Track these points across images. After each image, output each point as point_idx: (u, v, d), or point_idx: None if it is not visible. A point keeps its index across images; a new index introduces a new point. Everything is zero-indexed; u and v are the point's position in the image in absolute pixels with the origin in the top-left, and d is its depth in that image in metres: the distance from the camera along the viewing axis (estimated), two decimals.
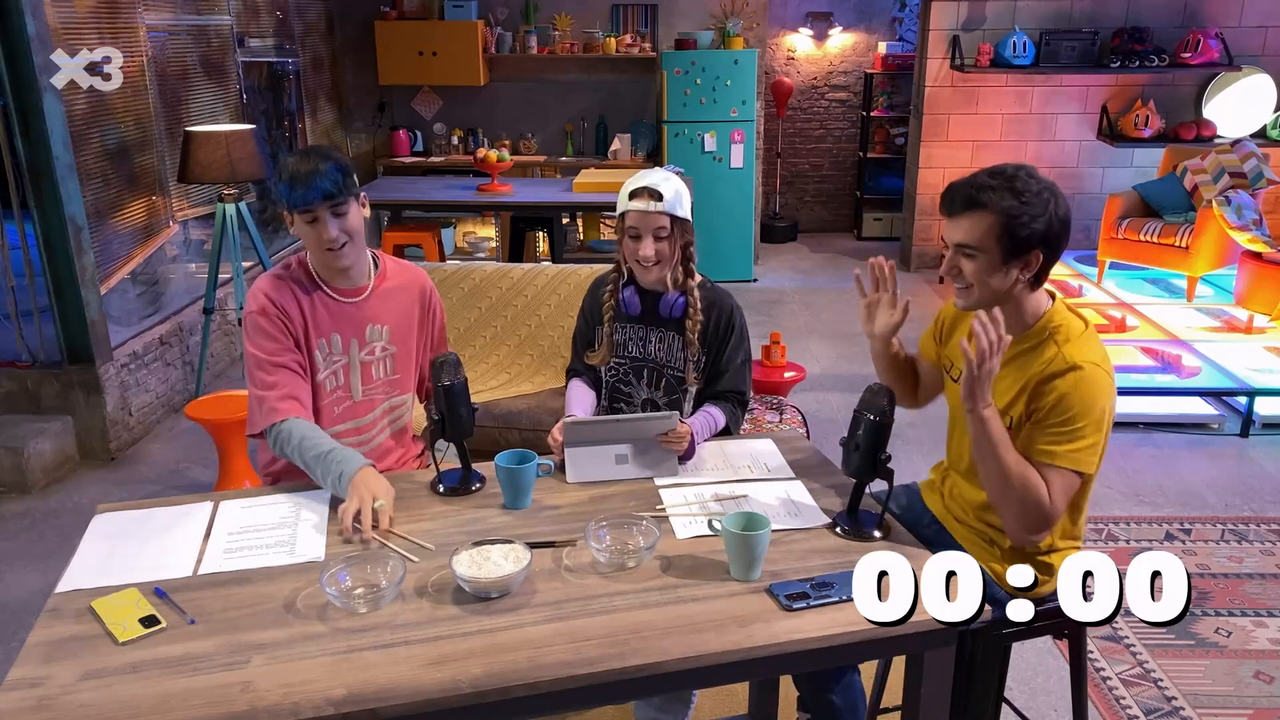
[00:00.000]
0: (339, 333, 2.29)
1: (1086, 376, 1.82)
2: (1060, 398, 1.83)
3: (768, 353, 4.36)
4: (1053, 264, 1.89)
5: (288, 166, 2.16)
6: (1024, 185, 1.81)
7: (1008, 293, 1.87)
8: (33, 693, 1.47)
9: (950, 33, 6.80)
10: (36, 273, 4.13)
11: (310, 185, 2.12)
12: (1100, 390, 1.83)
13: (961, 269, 1.88)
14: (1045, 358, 1.88)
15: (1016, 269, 1.84)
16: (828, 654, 1.64)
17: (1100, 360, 1.86)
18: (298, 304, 2.25)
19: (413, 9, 6.95)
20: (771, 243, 8.24)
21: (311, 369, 2.27)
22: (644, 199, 2.27)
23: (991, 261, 1.84)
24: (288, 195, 2.15)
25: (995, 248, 1.82)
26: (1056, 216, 1.82)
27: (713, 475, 2.16)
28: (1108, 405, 1.85)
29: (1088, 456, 1.84)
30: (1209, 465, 4.17)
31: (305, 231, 2.19)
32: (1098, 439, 1.84)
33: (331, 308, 2.28)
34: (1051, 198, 1.82)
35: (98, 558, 1.84)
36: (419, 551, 1.85)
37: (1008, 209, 1.80)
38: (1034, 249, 1.83)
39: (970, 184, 1.85)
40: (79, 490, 4.03)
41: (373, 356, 2.34)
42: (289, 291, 2.25)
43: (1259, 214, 5.86)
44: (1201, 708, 2.68)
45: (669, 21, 7.09)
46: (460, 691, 1.47)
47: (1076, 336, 1.89)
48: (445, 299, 3.85)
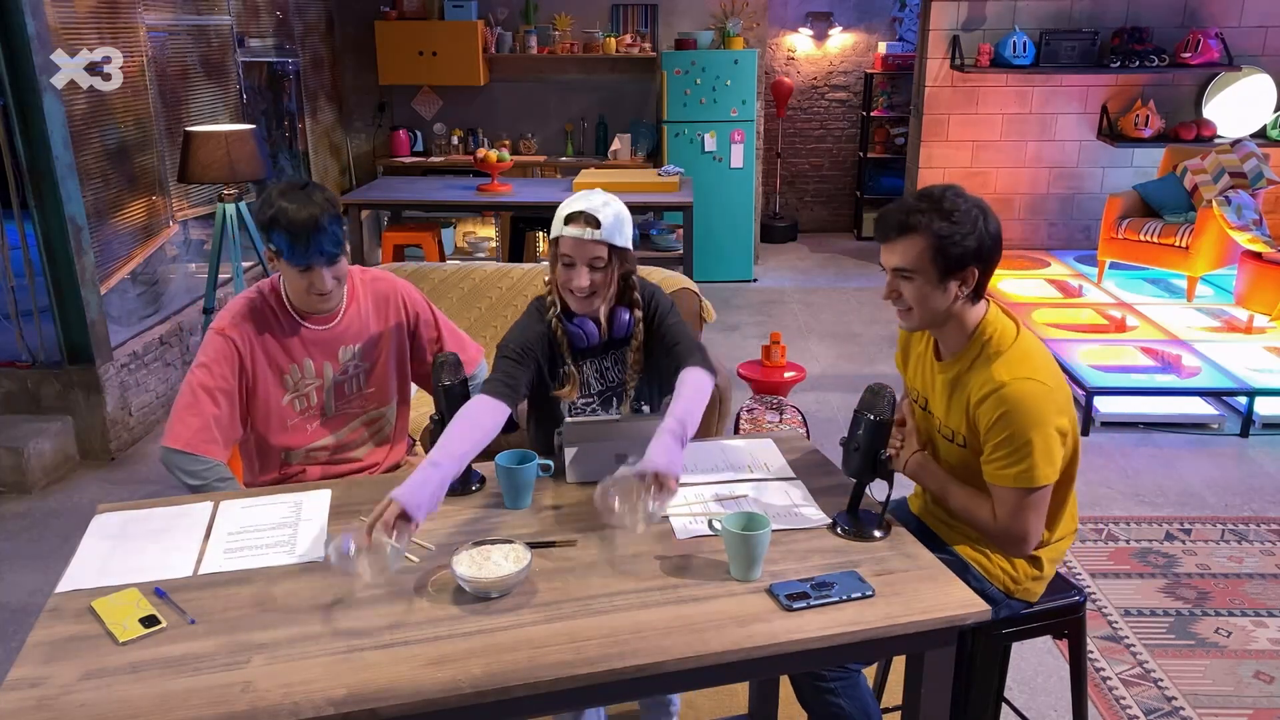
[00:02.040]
0: (311, 359, 2.29)
1: (1013, 394, 1.84)
2: (993, 421, 1.86)
3: (768, 353, 4.36)
4: (989, 277, 1.91)
5: (285, 213, 2.07)
6: (952, 205, 1.85)
7: (947, 311, 1.92)
8: (33, 693, 1.47)
9: (950, 33, 6.80)
10: (36, 273, 4.13)
11: (311, 244, 2.09)
12: (1033, 402, 1.84)
13: (901, 292, 1.92)
14: (980, 380, 1.90)
15: (954, 286, 1.88)
16: (828, 654, 1.64)
17: (1031, 372, 1.86)
18: (270, 333, 2.24)
19: (413, 9, 6.95)
20: (771, 243, 8.24)
21: (276, 392, 2.27)
22: (579, 225, 2.09)
23: (929, 281, 1.88)
24: (288, 251, 2.10)
25: (931, 268, 1.86)
26: (987, 233, 1.86)
27: (713, 475, 2.16)
28: (1047, 413, 1.84)
29: (1041, 471, 1.85)
30: (1209, 465, 4.17)
31: (293, 277, 2.16)
32: (1048, 450, 1.85)
33: (305, 335, 2.28)
34: (981, 215, 1.86)
35: (98, 558, 1.85)
36: (419, 551, 1.85)
37: (938, 230, 1.84)
38: (968, 266, 1.86)
39: (901, 209, 1.89)
40: (79, 490, 4.03)
41: (345, 375, 2.35)
42: (263, 321, 2.24)
43: (1259, 214, 5.86)
44: (1201, 708, 2.68)
45: (669, 21, 7.09)
46: (460, 691, 1.47)
47: (1007, 349, 1.90)
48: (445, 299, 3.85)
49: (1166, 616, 3.10)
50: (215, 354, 2.21)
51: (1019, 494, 1.88)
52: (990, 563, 2.02)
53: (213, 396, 2.20)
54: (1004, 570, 2.02)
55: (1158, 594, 3.22)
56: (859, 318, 6.26)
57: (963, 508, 1.98)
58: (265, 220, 2.12)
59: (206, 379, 2.20)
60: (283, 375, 2.27)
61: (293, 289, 2.23)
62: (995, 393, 1.86)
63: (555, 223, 2.15)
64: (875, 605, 1.67)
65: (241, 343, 2.22)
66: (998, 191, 7.15)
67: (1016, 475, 1.86)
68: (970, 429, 1.94)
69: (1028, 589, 2.05)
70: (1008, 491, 1.89)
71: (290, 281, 2.21)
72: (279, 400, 2.28)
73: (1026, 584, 2.04)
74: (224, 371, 2.21)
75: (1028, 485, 1.86)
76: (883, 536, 1.89)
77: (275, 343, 2.25)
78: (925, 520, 2.18)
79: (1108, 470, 4.13)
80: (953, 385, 1.97)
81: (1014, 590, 2.04)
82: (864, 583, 1.71)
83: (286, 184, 2.16)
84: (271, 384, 2.26)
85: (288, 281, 2.22)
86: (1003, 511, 1.91)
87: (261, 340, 2.24)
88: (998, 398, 1.85)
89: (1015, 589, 2.04)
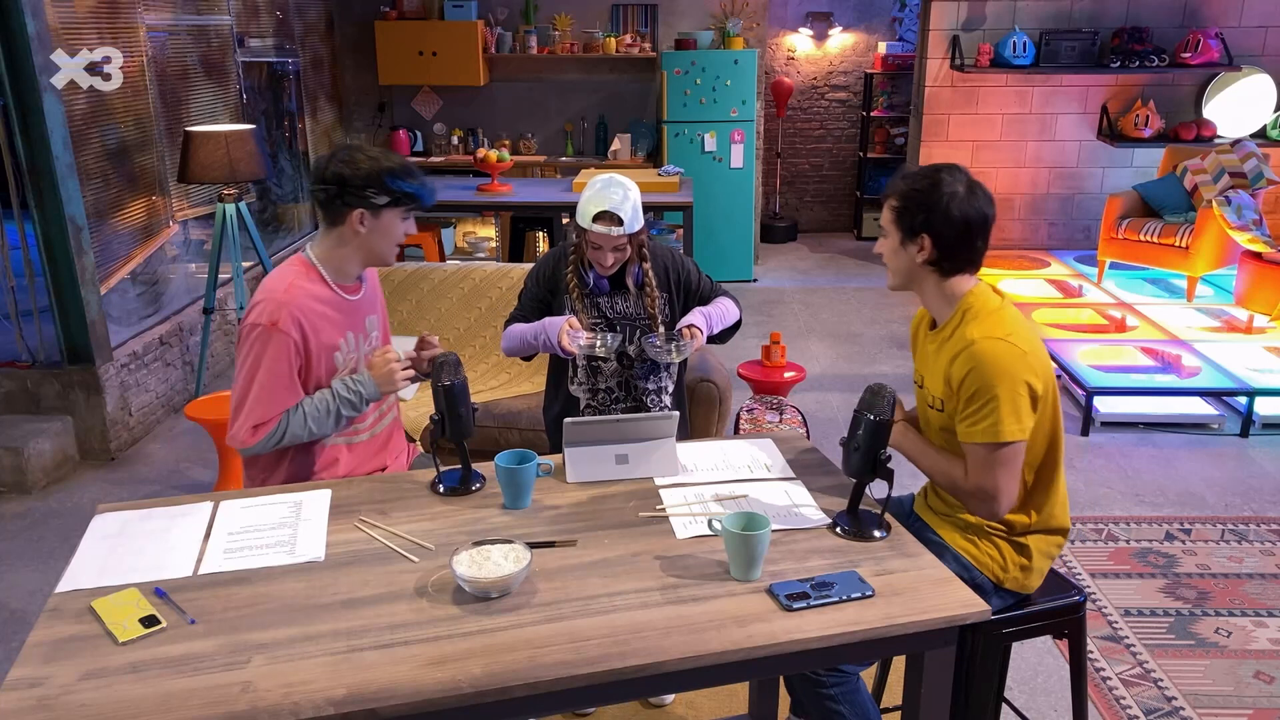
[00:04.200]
0: (351, 330, 2.33)
1: (981, 350, 1.92)
2: (963, 377, 1.94)
3: (768, 353, 4.36)
4: (955, 255, 1.99)
5: (400, 164, 2.22)
6: (929, 180, 1.99)
7: (915, 274, 2.05)
8: (33, 693, 1.47)
9: (950, 33, 6.80)
10: (36, 273, 4.13)
11: (430, 190, 2.28)
12: (1000, 359, 1.91)
13: (882, 248, 2.11)
14: (956, 340, 1.99)
15: (914, 250, 2.01)
16: (828, 654, 1.64)
17: (1004, 334, 1.94)
18: (319, 310, 2.25)
19: (413, 9, 6.95)
20: (771, 243, 8.24)
21: (331, 372, 2.30)
22: (606, 223, 2.43)
23: (894, 240, 2.04)
24: (422, 193, 2.24)
25: (895, 229, 2.03)
26: (950, 212, 1.95)
27: (713, 475, 2.16)
28: (1015, 369, 1.91)
29: (1007, 426, 1.90)
30: (1209, 465, 4.17)
31: (393, 228, 2.25)
32: (1015, 406, 1.90)
33: (342, 307, 2.31)
34: (950, 196, 1.95)
35: (98, 558, 1.85)
36: (419, 551, 1.85)
37: (901, 195, 2.01)
38: (921, 234, 1.99)
39: (896, 174, 2.06)
40: (79, 490, 4.03)
41: (370, 347, 2.40)
42: (308, 300, 2.23)
43: (1259, 214, 5.86)
44: (1201, 708, 2.68)
45: (669, 21, 7.09)
46: (460, 691, 1.47)
47: (984, 314, 1.99)
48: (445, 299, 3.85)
49: (1166, 616, 3.10)
50: (278, 345, 2.18)
51: (987, 450, 1.92)
52: (978, 550, 2.05)
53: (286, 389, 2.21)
54: (991, 558, 2.04)
55: (1158, 594, 3.22)
56: (859, 318, 6.26)
57: (938, 470, 2.03)
58: (381, 169, 2.18)
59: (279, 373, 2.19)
60: (334, 353, 2.29)
61: (389, 239, 2.27)
62: (966, 349, 1.94)
63: (582, 213, 2.47)
64: (875, 605, 1.67)
65: (304, 330, 2.21)
66: (998, 192, 7.15)
67: (984, 430, 1.91)
68: (948, 390, 2.00)
69: (1017, 579, 2.06)
70: (977, 448, 1.94)
71: (388, 232, 2.25)
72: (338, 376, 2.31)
73: (1015, 573, 2.06)
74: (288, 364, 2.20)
75: (994, 440, 1.90)
76: (883, 536, 1.89)
77: (326, 321, 2.26)
78: (920, 514, 2.20)
79: (1108, 470, 4.13)
80: (937, 352, 2.05)
81: (1003, 579, 2.06)
82: (864, 583, 1.71)
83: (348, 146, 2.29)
84: (326, 363, 2.28)
85: (385, 233, 2.25)
86: (973, 468, 1.96)
87: (319, 314, 2.24)
88: (968, 354, 1.93)
89: (1005, 578, 2.06)
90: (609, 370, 2.63)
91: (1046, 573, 2.13)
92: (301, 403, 2.22)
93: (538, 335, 2.49)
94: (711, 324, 2.56)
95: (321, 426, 2.24)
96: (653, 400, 2.68)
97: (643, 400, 2.66)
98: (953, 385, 1.96)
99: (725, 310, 2.64)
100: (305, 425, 2.21)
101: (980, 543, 2.05)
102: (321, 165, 2.21)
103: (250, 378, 2.18)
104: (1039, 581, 2.10)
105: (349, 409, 2.26)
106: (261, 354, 2.17)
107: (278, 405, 2.19)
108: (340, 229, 2.23)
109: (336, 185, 2.17)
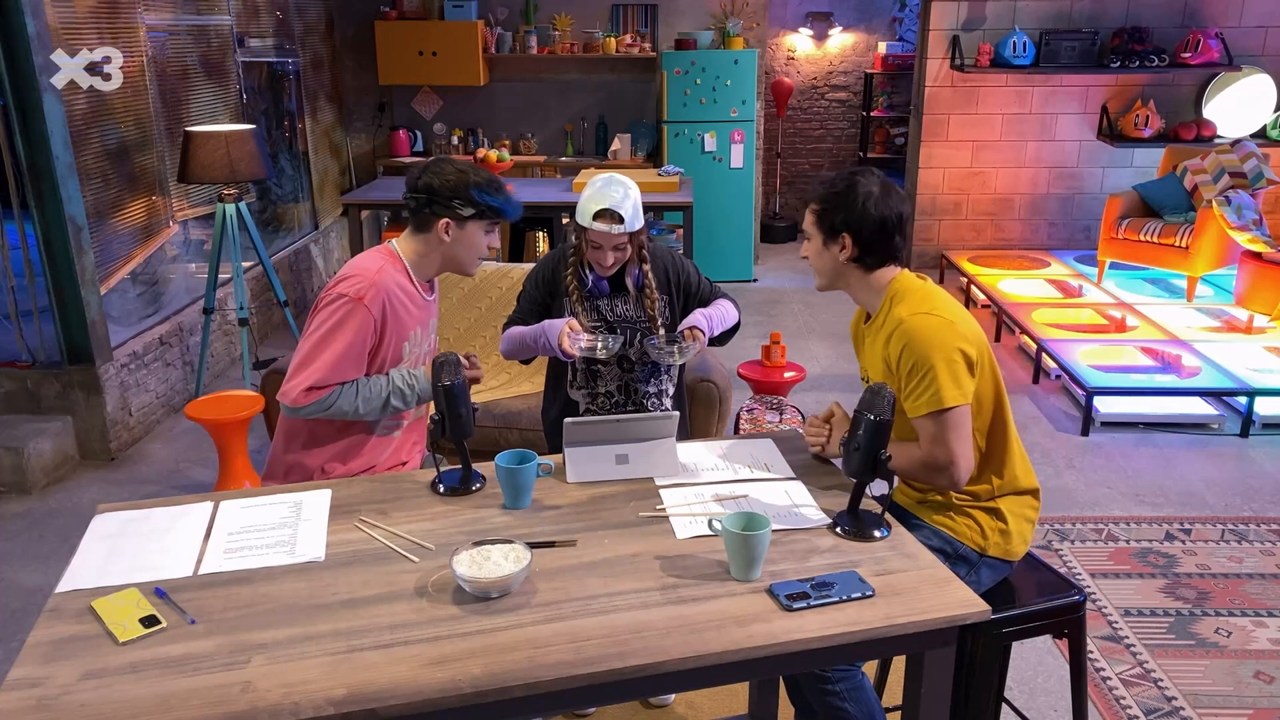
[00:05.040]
0: (420, 326, 2.45)
1: (910, 326, 2.01)
2: (899, 355, 2.02)
3: (768, 353, 4.36)
4: (875, 250, 2.10)
5: (487, 179, 2.34)
6: (843, 184, 2.10)
7: (840, 272, 2.15)
8: (33, 693, 1.47)
9: (950, 33, 6.80)
10: (36, 273, 4.13)
11: (515, 205, 2.40)
12: (930, 331, 1.99)
13: (807, 252, 2.21)
14: (888, 325, 2.07)
15: (836, 250, 2.12)
16: (828, 654, 1.64)
17: (930, 309, 2.03)
18: (400, 298, 2.36)
19: (413, 9, 6.95)
20: (771, 243, 8.24)
21: (396, 360, 2.41)
22: (606, 221, 2.43)
23: (817, 244, 2.15)
24: (504, 206, 2.36)
25: (816, 231, 2.14)
26: (866, 211, 2.07)
27: (713, 475, 2.16)
28: (947, 339, 1.99)
29: (947, 392, 1.97)
30: (1209, 465, 4.17)
31: (476, 239, 2.38)
32: (953, 373, 1.98)
33: (418, 302, 2.43)
34: (865, 197, 2.07)
35: (98, 558, 1.85)
36: (419, 551, 1.85)
37: (819, 200, 2.13)
38: (841, 233, 2.09)
39: (814, 182, 2.12)
40: (79, 490, 4.03)
41: (429, 348, 2.54)
42: (395, 286, 2.35)
43: (1259, 214, 5.86)
44: (1201, 708, 2.68)
45: (669, 21, 7.09)
46: (460, 691, 1.47)
47: (908, 294, 2.08)
48: (445, 299, 3.85)
49: (1166, 616, 3.10)
50: (359, 318, 2.28)
51: (934, 420, 1.99)
52: (955, 523, 2.11)
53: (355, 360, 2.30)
54: (969, 528, 2.10)
55: (1158, 594, 3.22)
56: None
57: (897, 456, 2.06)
58: (469, 183, 2.31)
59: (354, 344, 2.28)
60: (403, 342, 2.40)
61: (472, 250, 2.40)
62: (897, 328, 2.03)
63: (582, 212, 2.46)
64: (875, 605, 1.67)
65: (386, 310, 2.32)
66: (998, 191, 7.15)
67: (928, 400, 1.98)
68: (888, 373, 2.06)
69: (999, 544, 2.11)
70: (925, 420, 2.00)
71: (471, 243, 2.38)
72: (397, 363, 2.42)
73: (995, 538, 2.10)
74: (364, 338, 2.30)
75: (938, 407, 1.97)
76: (883, 536, 1.89)
77: (404, 310, 2.38)
78: (896, 500, 2.24)
79: (1108, 470, 4.13)
80: (874, 340, 2.13)
81: (985, 547, 2.10)
82: (864, 583, 1.71)
83: (440, 159, 2.40)
84: (394, 348, 2.38)
85: (468, 244, 2.38)
86: (925, 441, 2.02)
87: (399, 303, 2.36)
88: (899, 332, 2.02)
89: (986, 545, 2.10)
90: (609, 374, 2.63)
91: (1029, 539, 2.17)
92: (358, 381, 2.32)
93: (537, 338, 2.48)
94: (712, 325, 2.57)
95: (369, 408, 2.33)
96: (653, 404, 2.67)
97: (644, 404, 2.66)
98: (891, 365, 2.05)
99: (725, 312, 2.64)
100: (354, 402, 2.32)
101: (956, 516, 2.11)
102: (414, 176, 2.35)
103: (321, 343, 2.28)
104: (1022, 547, 2.15)
105: (399, 399, 2.36)
106: (341, 323, 2.28)
107: (338, 375, 2.29)
108: (426, 235, 2.37)
109: (426, 194, 2.32)
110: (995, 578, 2.14)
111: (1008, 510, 2.12)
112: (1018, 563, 2.19)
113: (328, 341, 2.27)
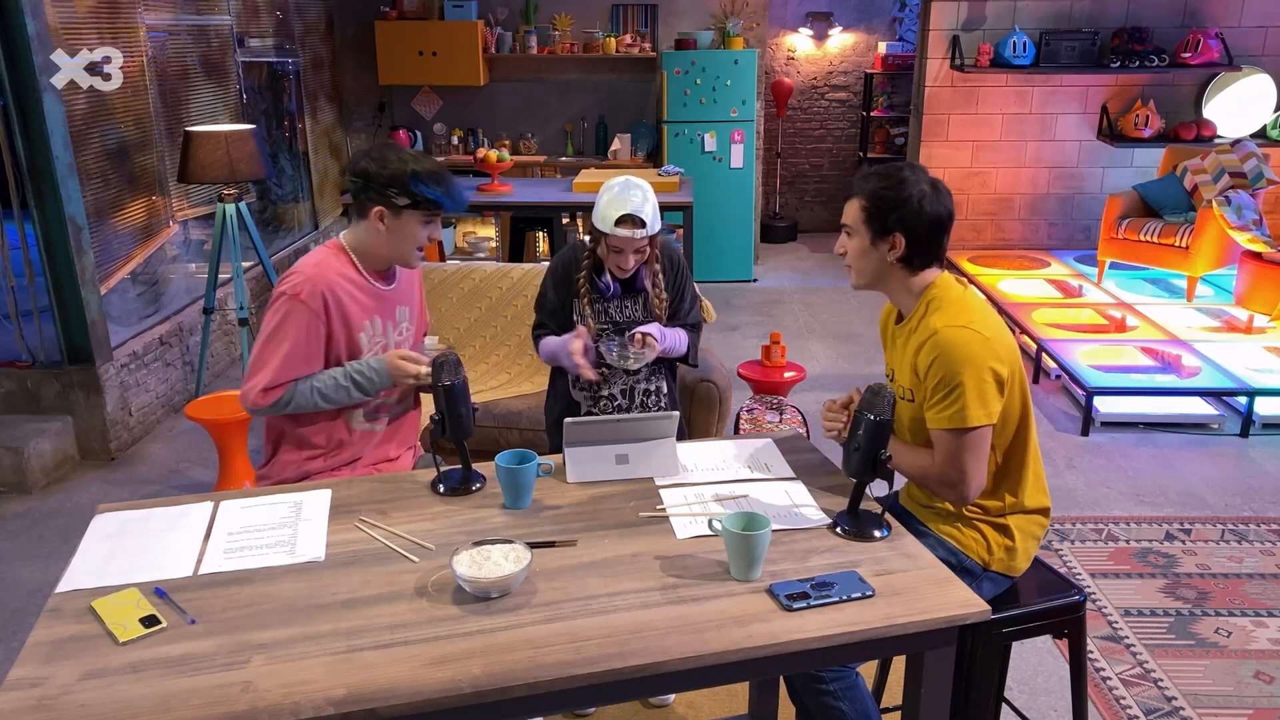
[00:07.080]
0: (379, 315, 2.41)
1: (945, 339, 1.95)
2: (929, 366, 1.97)
3: (768, 353, 4.36)
4: (926, 251, 2.03)
5: (428, 170, 2.25)
6: (896, 178, 2.02)
7: (883, 273, 2.07)
8: (33, 693, 1.47)
9: (950, 33, 6.80)
10: (36, 273, 4.13)
11: (455, 198, 2.30)
12: (964, 346, 1.93)
13: (846, 248, 2.11)
14: (922, 331, 2.01)
15: (884, 249, 2.04)
16: (828, 654, 1.64)
17: (967, 321, 1.97)
18: (346, 289, 2.33)
19: (413, 9, 6.95)
20: (771, 243, 8.24)
21: (354, 351, 2.37)
22: (629, 226, 2.43)
23: (863, 240, 2.05)
24: (444, 199, 2.27)
25: (864, 228, 2.04)
26: (921, 210, 1.99)
27: (713, 475, 2.16)
28: (980, 356, 1.93)
29: (973, 411, 1.93)
30: (1209, 465, 4.17)
31: (412, 229, 2.29)
32: (981, 392, 1.93)
33: (370, 292, 2.39)
34: (922, 196, 1.99)
35: (98, 558, 1.85)
36: (419, 551, 1.85)
37: (871, 194, 2.03)
38: (893, 232, 2.01)
39: (859, 174, 2.10)
40: (79, 490, 4.03)
41: (400, 336, 2.49)
42: (337, 278, 2.32)
43: (1259, 214, 5.85)
44: (1201, 708, 2.68)
45: (669, 21, 7.09)
46: (460, 691, 1.47)
47: (947, 303, 2.02)
48: (445, 299, 3.85)
49: (1166, 616, 3.10)
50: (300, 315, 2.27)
51: (954, 436, 1.95)
52: (962, 535, 2.08)
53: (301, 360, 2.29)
54: (976, 541, 2.08)
55: (1158, 594, 3.22)
56: (859, 318, 6.26)
57: (906, 463, 2.05)
58: (406, 173, 2.23)
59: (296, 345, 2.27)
60: (358, 333, 2.37)
61: (408, 241, 2.31)
62: (931, 338, 1.97)
63: (603, 218, 2.45)
64: (875, 605, 1.67)
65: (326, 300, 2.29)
66: (998, 191, 7.15)
67: (951, 416, 1.94)
68: (915, 380, 2.02)
69: (1003, 560, 2.09)
70: (944, 434, 1.97)
71: (406, 234, 2.30)
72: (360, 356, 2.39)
73: (1000, 554, 2.08)
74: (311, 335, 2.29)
75: (961, 425, 1.93)
76: (883, 536, 1.89)
77: (352, 300, 2.34)
78: (905, 505, 2.23)
79: (1108, 470, 4.13)
80: (905, 343, 2.08)
81: (989, 561, 2.08)
82: (864, 583, 1.71)
83: (386, 144, 2.33)
84: (348, 340, 2.36)
85: (403, 234, 2.30)
86: (941, 455, 1.99)
87: (343, 293, 2.32)
88: (933, 343, 1.96)
89: (990, 560, 2.08)
90: (613, 377, 2.64)
91: (1033, 555, 2.16)
92: (312, 376, 2.31)
93: (562, 360, 2.55)
94: (665, 341, 2.56)
95: (329, 401, 2.32)
96: (653, 402, 2.68)
97: (646, 405, 2.67)
98: (919, 374, 2.00)
99: (678, 341, 2.65)
100: (311, 397, 2.30)
101: (964, 528, 2.09)
102: (355, 159, 2.29)
103: (268, 343, 2.28)
104: (1025, 563, 2.13)
105: (359, 391, 2.34)
106: (283, 323, 2.27)
107: (290, 372, 2.28)
108: (365, 222, 2.32)
109: (362, 180, 2.27)
110: (996, 590, 2.12)
111: (1016, 528, 2.09)
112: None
113: (275, 341, 2.27)
